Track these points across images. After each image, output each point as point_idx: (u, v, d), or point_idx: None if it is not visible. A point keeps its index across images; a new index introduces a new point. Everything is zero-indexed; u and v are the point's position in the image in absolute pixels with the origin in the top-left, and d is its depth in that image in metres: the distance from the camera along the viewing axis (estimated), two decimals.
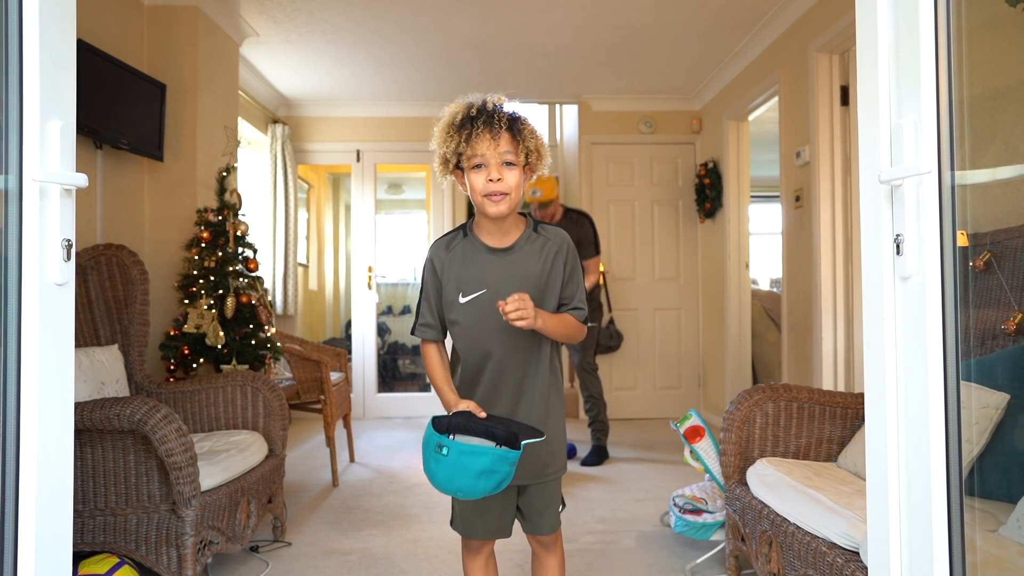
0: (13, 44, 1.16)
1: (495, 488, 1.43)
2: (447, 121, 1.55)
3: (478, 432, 1.46)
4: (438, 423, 1.48)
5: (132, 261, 2.91)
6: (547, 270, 1.62)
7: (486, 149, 1.50)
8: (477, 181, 1.53)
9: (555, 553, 1.78)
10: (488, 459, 1.40)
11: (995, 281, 1.85)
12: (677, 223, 5.83)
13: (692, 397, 5.80)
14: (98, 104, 3.07)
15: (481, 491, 1.43)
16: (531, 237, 1.63)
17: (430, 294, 1.68)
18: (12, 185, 1.16)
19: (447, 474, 1.42)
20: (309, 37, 4.41)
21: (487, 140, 1.50)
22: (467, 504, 1.67)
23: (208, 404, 2.87)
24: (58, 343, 1.22)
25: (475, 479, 1.41)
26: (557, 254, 1.63)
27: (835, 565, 1.71)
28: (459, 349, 1.68)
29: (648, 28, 4.31)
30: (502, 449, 1.42)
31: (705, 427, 2.64)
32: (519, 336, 1.60)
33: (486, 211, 1.55)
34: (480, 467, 1.40)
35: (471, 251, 1.62)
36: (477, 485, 1.41)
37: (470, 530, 1.71)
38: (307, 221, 7.05)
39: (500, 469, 1.41)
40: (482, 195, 1.53)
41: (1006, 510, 1.56)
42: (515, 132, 1.53)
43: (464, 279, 1.62)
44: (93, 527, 2.18)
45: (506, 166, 1.53)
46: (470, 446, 1.42)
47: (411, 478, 3.91)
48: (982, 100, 1.24)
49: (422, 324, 1.69)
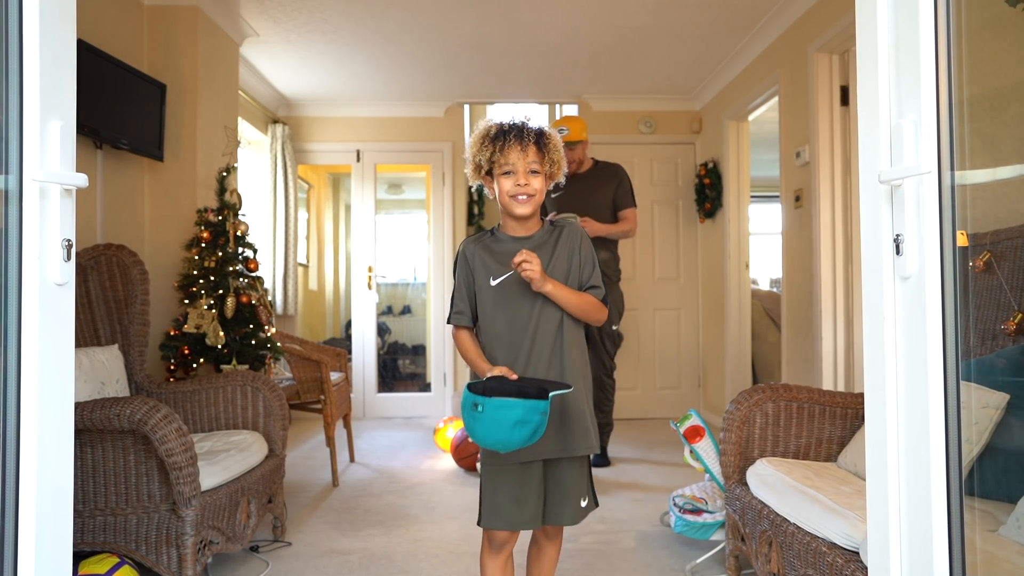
0: (13, 44, 1.16)
1: (529, 438, 1.55)
2: (481, 133, 1.76)
3: (511, 392, 1.58)
4: (474, 388, 1.61)
5: (132, 261, 2.91)
6: (566, 254, 1.81)
7: (516, 159, 1.72)
8: (506, 184, 1.74)
9: (557, 543, 1.89)
10: (519, 410, 1.52)
11: (995, 281, 1.85)
12: (677, 223, 5.83)
13: (692, 397, 5.79)
14: (98, 104, 3.07)
15: (517, 442, 1.54)
16: (550, 230, 1.84)
17: (461, 285, 1.84)
18: (12, 185, 1.16)
19: (485, 429, 1.55)
20: (309, 37, 4.41)
21: (517, 151, 1.71)
22: (505, 495, 1.74)
23: (208, 404, 2.87)
24: (58, 343, 1.22)
25: (510, 430, 1.53)
26: (573, 239, 1.82)
27: (835, 565, 1.71)
28: (490, 334, 1.81)
29: (648, 28, 4.31)
30: (531, 400, 1.54)
31: (705, 427, 2.64)
32: (548, 316, 1.76)
33: (513, 211, 1.76)
34: (513, 419, 1.52)
35: (497, 242, 1.83)
36: (513, 436, 1.53)
37: (507, 520, 1.75)
38: (307, 221, 7.05)
39: (531, 419, 1.53)
40: (509, 196, 1.74)
41: (1006, 510, 1.56)
42: (541, 145, 1.74)
43: (493, 265, 1.79)
44: (93, 527, 2.18)
45: (531, 174, 1.74)
46: (501, 400, 1.54)
47: (411, 478, 3.91)
48: (982, 100, 1.24)
49: (456, 312, 1.85)
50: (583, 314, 1.79)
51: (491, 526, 1.76)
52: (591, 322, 1.83)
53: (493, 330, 1.80)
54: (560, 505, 1.79)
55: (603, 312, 1.81)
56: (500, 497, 1.75)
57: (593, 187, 3.99)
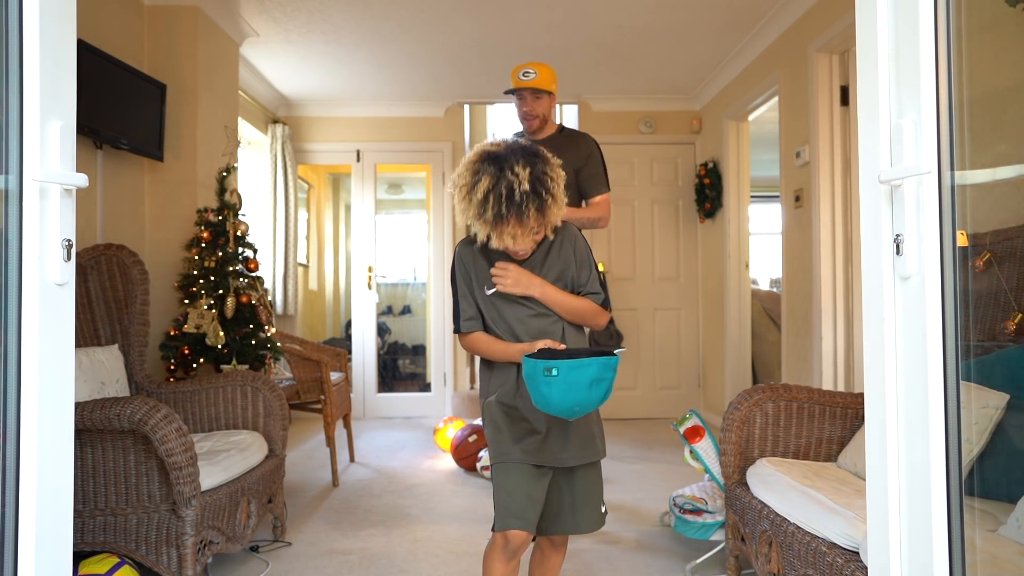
0: (13, 44, 1.16)
1: (603, 397, 1.54)
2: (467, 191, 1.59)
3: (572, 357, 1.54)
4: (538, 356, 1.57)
5: (132, 261, 2.91)
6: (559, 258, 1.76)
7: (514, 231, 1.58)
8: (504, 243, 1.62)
9: (563, 552, 1.87)
10: (595, 368, 1.50)
11: (995, 281, 1.85)
12: (677, 223, 5.83)
13: (692, 397, 5.79)
14: (98, 104, 3.07)
15: (595, 401, 1.53)
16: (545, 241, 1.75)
17: (465, 290, 1.77)
18: (12, 185, 1.16)
19: (561, 393, 1.49)
20: (309, 37, 4.42)
21: (513, 224, 1.56)
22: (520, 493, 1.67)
23: (208, 404, 2.87)
24: (58, 343, 1.22)
25: (588, 390, 1.50)
26: (567, 243, 1.76)
27: (835, 565, 1.71)
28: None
29: (648, 28, 4.32)
30: (603, 357, 1.52)
31: (705, 427, 2.64)
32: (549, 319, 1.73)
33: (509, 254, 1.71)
34: (590, 377, 1.49)
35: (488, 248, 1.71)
36: (591, 396, 1.51)
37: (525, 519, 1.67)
38: (307, 221, 7.05)
39: (606, 376, 1.51)
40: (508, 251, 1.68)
41: (1006, 510, 1.56)
42: (541, 208, 1.58)
43: (485, 272, 1.74)
44: (93, 527, 2.18)
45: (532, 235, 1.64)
46: (576, 360, 1.50)
47: (411, 478, 3.91)
48: (982, 100, 1.24)
49: (467, 319, 1.76)
50: (577, 317, 1.76)
51: (508, 526, 1.66)
52: (589, 325, 1.80)
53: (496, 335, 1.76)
54: (580, 511, 1.76)
55: (602, 316, 1.77)
56: (516, 495, 1.68)
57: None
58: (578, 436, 1.73)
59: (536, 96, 2.95)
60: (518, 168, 1.56)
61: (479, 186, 1.57)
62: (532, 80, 2.92)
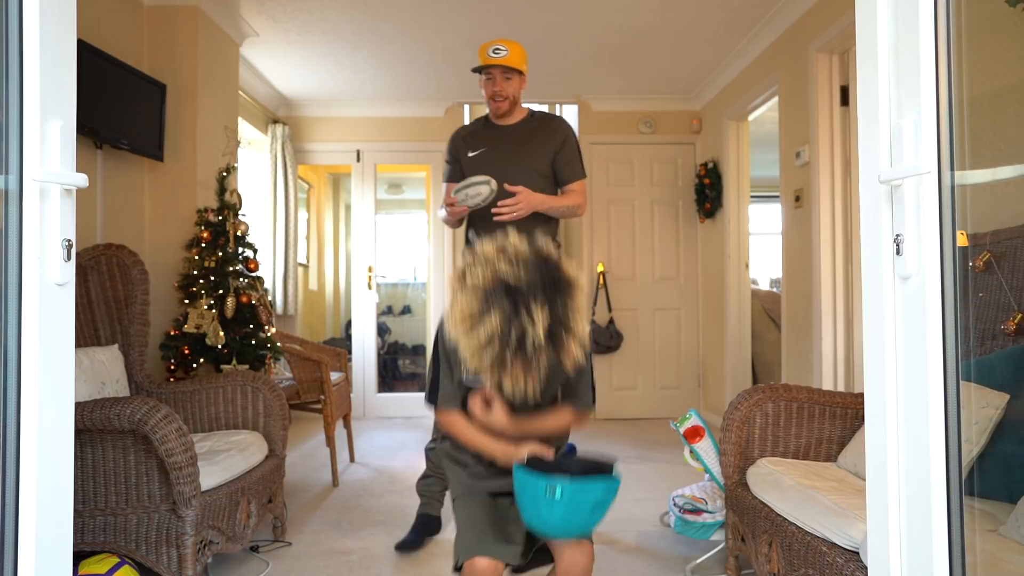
0: (13, 44, 1.16)
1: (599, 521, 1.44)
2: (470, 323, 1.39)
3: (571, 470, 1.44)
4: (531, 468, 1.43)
5: (132, 261, 2.91)
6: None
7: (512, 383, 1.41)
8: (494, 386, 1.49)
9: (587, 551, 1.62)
10: (600, 491, 1.39)
11: (995, 281, 1.85)
12: (677, 223, 5.83)
13: (692, 397, 5.79)
14: (98, 104, 3.07)
15: (592, 524, 1.43)
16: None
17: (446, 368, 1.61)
18: (12, 185, 1.16)
19: (562, 515, 1.37)
20: (309, 37, 4.42)
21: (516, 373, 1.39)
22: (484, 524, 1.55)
23: (208, 404, 2.87)
24: (58, 343, 1.22)
25: (590, 513, 1.40)
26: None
27: (835, 565, 1.71)
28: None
29: (648, 28, 4.32)
30: (609, 478, 1.42)
31: (705, 427, 2.64)
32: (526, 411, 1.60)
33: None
34: (594, 500, 1.39)
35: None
36: (592, 519, 1.41)
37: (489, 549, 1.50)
38: (307, 221, 7.05)
39: (608, 500, 1.41)
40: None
41: (1006, 510, 1.56)
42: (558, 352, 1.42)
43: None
44: (93, 527, 2.18)
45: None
46: (581, 482, 1.37)
47: (411, 478, 3.91)
48: (982, 100, 1.24)
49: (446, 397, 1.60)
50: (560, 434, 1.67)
51: (470, 554, 1.49)
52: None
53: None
54: None
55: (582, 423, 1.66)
56: (480, 526, 1.55)
57: (525, 144, 2.80)
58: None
59: (507, 76, 2.76)
60: (536, 309, 1.36)
61: (485, 323, 1.37)
62: (503, 58, 2.72)
